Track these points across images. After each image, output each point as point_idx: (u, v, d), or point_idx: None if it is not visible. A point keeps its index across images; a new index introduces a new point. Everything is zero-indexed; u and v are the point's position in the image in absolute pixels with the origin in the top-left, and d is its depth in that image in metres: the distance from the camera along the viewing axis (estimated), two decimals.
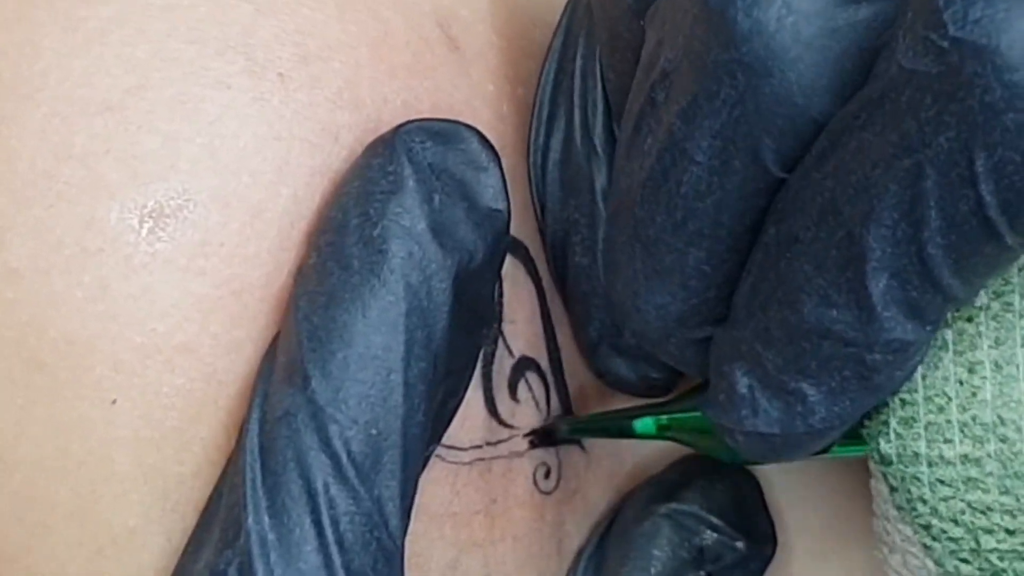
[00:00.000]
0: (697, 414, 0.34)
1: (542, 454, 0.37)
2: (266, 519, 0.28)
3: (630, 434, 0.36)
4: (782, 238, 0.28)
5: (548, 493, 0.37)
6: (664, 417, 0.35)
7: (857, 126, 0.26)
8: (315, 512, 0.28)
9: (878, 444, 0.30)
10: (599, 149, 0.35)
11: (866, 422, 0.30)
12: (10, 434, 0.30)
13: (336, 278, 0.29)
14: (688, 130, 0.28)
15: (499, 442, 0.35)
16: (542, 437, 0.36)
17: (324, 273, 0.29)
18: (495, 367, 0.35)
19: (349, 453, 0.28)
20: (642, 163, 0.30)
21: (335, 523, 0.28)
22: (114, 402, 0.30)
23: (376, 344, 0.29)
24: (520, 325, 0.36)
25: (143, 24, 0.31)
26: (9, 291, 0.30)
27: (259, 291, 0.31)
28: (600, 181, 0.35)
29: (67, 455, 0.30)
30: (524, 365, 0.36)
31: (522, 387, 0.36)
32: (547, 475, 0.37)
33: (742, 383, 0.30)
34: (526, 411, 0.36)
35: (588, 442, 0.38)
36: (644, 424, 0.35)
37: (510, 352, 0.36)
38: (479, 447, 0.35)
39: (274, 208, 0.31)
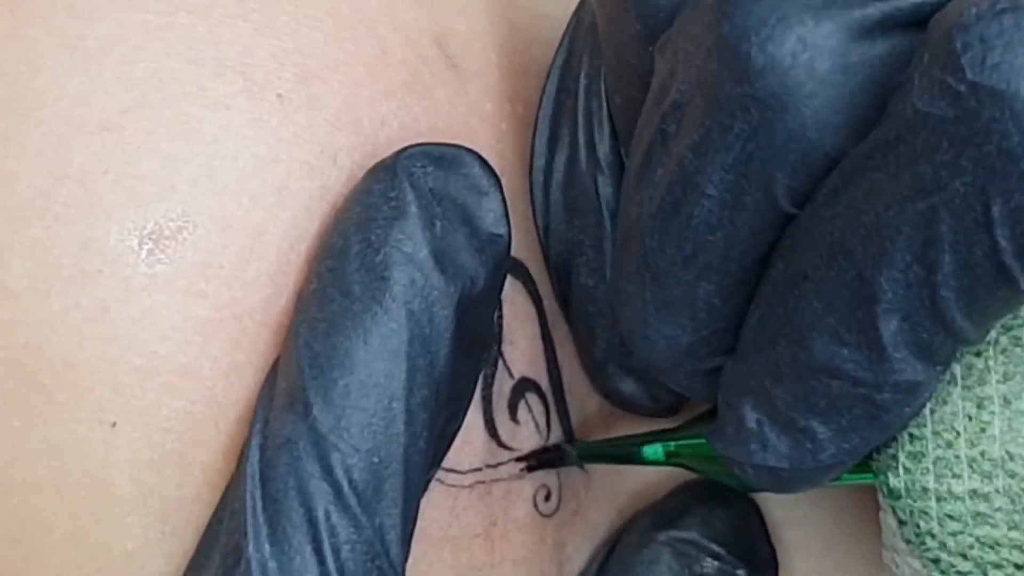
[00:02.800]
0: (706, 441, 0.34)
1: (542, 476, 0.36)
2: (267, 547, 0.28)
3: (639, 460, 0.35)
4: (790, 274, 0.28)
5: (549, 516, 0.37)
6: (672, 444, 0.35)
7: (871, 166, 0.26)
8: (316, 540, 0.28)
9: (887, 478, 0.30)
10: (605, 168, 0.35)
11: (875, 455, 0.30)
12: (7, 456, 0.30)
13: (337, 305, 0.29)
14: (700, 163, 0.28)
15: (499, 464, 0.35)
16: (539, 461, 0.36)
17: (325, 299, 0.29)
18: (495, 389, 0.35)
19: (351, 481, 0.28)
20: (652, 194, 0.29)
21: (336, 551, 0.28)
22: (114, 424, 0.30)
23: (378, 372, 0.29)
24: (520, 346, 0.36)
25: (141, 43, 0.31)
26: (7, 312, 0.29)
27: (259, 314, 0.31)
28: (607, 200, 0.35)
29: (65, 477, 0.30)
30: (524, 386, 0.36)
31: (522, 408, 0.36)
32: (547, 497, 0.37)
33: (751, 417, 0.30)
34: (526, 433, 0.36)
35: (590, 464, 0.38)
36: (653, 450, 0.35)
37: (510, 373, 0.35)
38: (479, 470, 0.35)
39: (274, 231, 0.31)
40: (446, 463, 0.33)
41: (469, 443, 0.34)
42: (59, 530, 0.30)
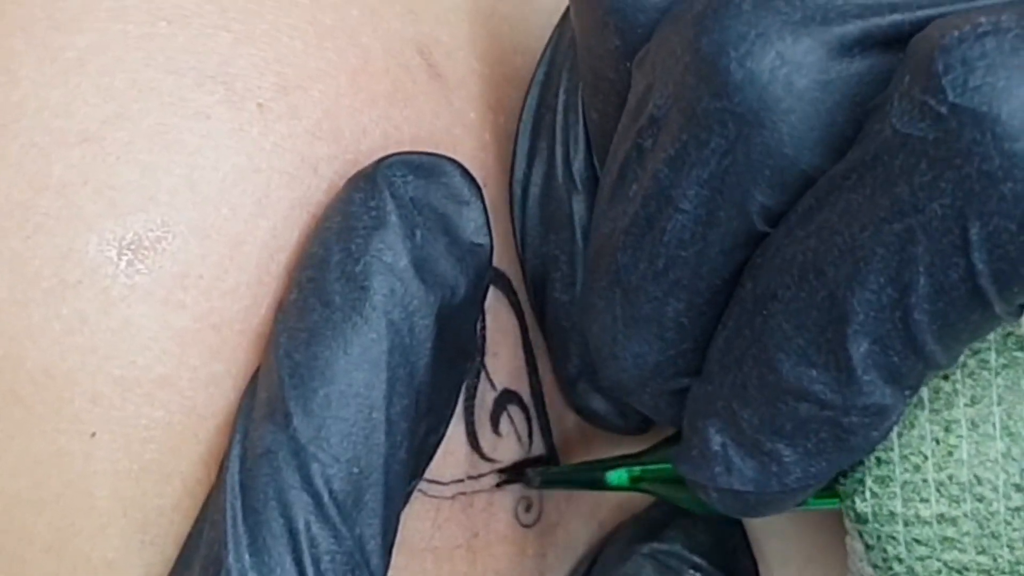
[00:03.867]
0: (671, 466, 0.33)
1: (523, 487, 0.36)
2: (247, 557, 0.28)
3: (603, 486, 0.35)
4: (760, 294, 0.28)
5: (529, 526, 0.36)
6: (637, 468, 0.34)
7: (847, 187, 0.26)
8: (296, 551, 0.28)
9: (854, 502, 0.30)
10: (579, 185, 0.35)
11: (841, 480, 0.30)
12: None
13: (318, 315, 0.29)
14: (675, 178, 0.28)
15: (481, 476, 0.35)
16: (508, 477, 0.36)
17: (305, 309, 0.29)
18: (477, 401, 0.35)
19: (331, 491, 0.28)
20: (626, 208, 0.29)
21: (316, 562, 0.28)
22: (93, 435, 0.30)
23: (358, 381, 0.29)
24: (503, 358, 0.36)
25: (121, 53, 0.30)
26: None
27: (238, 324, 0.31)
28: (580, 217, 0.35)
29: (45, 488, 0.30)
30: (506, 398, 0.36)
31: (504, 421, 0.36)
32: (528, 508, 0.36)
33: (715, 440, 0.30)
34: (508, 445, 0.36)
35: None
36: (617, 476, 0.35)
37: (492, 385, 0.35)
38: (460, 481, 0.35)
39: (253, 241, 0.31)
40: (428, 474, 0.33)
41: (451, 454, 0.34)
42: (39, 541, 0.30)
